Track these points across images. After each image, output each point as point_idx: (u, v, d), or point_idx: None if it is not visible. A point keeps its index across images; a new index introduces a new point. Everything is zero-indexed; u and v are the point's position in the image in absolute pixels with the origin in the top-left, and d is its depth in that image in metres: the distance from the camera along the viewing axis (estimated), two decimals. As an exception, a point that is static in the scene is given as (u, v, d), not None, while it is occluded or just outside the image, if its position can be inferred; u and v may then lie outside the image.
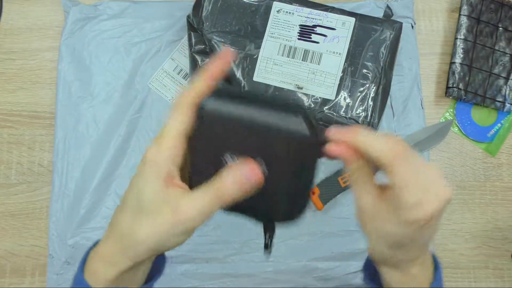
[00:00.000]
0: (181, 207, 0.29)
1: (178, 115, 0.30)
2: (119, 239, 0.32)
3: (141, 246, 0.31)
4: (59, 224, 0.60)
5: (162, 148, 0.30)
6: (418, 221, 0.30)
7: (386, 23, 0.60)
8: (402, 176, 0.29)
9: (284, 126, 0.28)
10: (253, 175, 0.29)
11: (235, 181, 0.29)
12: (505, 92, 0.65)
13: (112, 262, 0.32)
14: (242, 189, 0.29)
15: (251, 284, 0.59)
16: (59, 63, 0.63)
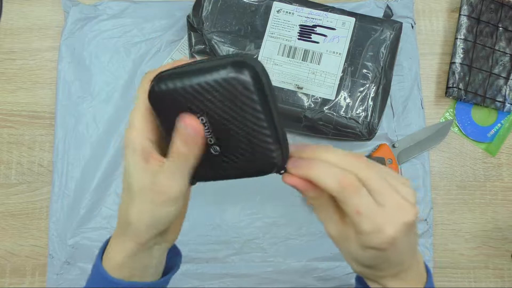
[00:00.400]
0: (157, 178, 0.31)
1: (143, 94, 0.31)
2: (120, 224, 0.34)
3: (137, 225, 0.32)
4: (59, 224, 0.60)
5: (133, 128, 0.31)
6: (379, 246, 0.31)
7: (386, 23, 0.60)
8: (354, 208, 0.30)
9: (219, 82, 0.29)
10: (190, 127, 0.30)
11: (182, 141, 0.30)
12: (505, 92, 0.65)
13: (119, 246, 0.34)
14: (188, 144, 0.30)
15: (251, 284, 0.59)
16: (59, 63, 0.63)
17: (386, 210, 0.30)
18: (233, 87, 0.29)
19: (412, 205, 0.31)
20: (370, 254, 0.32)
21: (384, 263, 0.33)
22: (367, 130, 0.59)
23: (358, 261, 0.33)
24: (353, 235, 0.31)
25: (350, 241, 0.32)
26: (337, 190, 0.30)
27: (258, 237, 0.60)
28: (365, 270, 0.34)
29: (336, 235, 0.33)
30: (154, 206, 0.31)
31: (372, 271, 0.34)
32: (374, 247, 0.31)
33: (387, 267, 0.33)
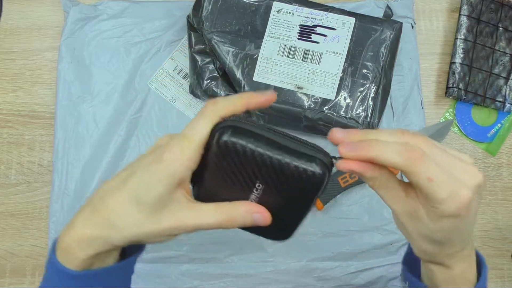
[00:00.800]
0: (183, 215, 0.30)
1: (206, 122, 0.30)
2: (101, 224, 0.31)
3: (124, 235, 0.31)
4: (59, 224, 0.60)
5: (184, 152, 0.30)
6: (456, 213, 0.29)
7: (386, 23, 0.60)
8: (426, 175, 0.29)
9: (299, 170, 0.30)
10: (263, 220, 0.31)
11: (245, 219, 0.30)
12: (505, 92, 0.65)
13: (90, 243, 0.31)
14: (247, 223, 0.31)
15: (251, 284, 0.59)
16: (59, 63, 0.63)
17: (456, 176, 0.29)
18: (309, 180, 0.30)
19: (477, 168, 0.31)
20: (444, 225, 0.31)
21: (457, 234, 0.32)
22: (367, 130, 0.59)
23: (429, 237, 0.32)
24: (423, 209, 0.31)
25: (419, 216, 0.31)
26: (405, 163, 0.29)
27: (258, 237, 0.60)
28: (433, 249, 0.33)
29: (404, 212, 0.32)
30: (158, 233, 0.31)
31: (440, 247, 0.33)
32: (452, 214, 0.30)
33: (457, 240, 0.32)
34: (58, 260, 0.32)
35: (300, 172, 0.30)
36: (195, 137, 0.30)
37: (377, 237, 0.60)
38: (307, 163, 0.30)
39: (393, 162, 0.29)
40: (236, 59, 0.59)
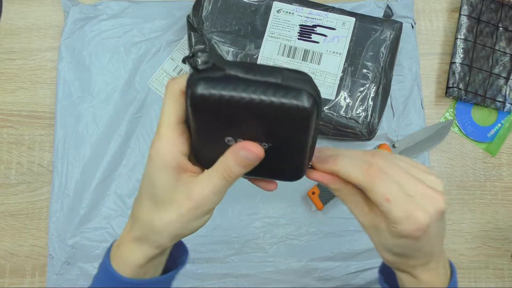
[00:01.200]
0: (194, 191, 0.30)
1: (171, 103, 0.30)
2: (142, 228, 0.33)
3: (162, 234, 0.32)
4: (59, 224, 0.60)
5: (162, 140, 0.30)
6: (412, 235, 0.30)
7: (386, 23, 0.60)
8: (383, 194, 0.30)
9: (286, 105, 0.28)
10: (252, 154, 0.30)
11: (236, 161, 0.30)
12: (505, 92, 0.65)
13: (136, 250, 0.33)
14: (244, 166, 0.30)
15: (251, 284, 0.59)
16: (59, 63, 0.63)
17: (415, 199, 0.30)
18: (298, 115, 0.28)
19: (440, 194, 0.31)
20: (403, 243, 0.32)
21: (417, 252, 0.33)
22: (367, 130, 0.59)
23: (391, 251, 0.33)
24: (384, 225, 0.32)
25: (381, 231, 0.32)
26: (363, 179, 0.30)
27: (258, 237, 0.60)
28: (396, 260, 0.34)
29: (367, 225, 0.33)
30: (189, 219, 0.31)
31: (403, 259, 0.34)
32: (408, 235, 0.30)
33: (419, 256, 0.33)
34: (113, 268, 0.34)
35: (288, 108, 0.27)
36: (166, 121, 0.30)
37: (377, 237, 0.60)
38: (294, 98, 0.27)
39: (353, 177, 0.31)
40: (236, 59, 0.59)
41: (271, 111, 0.28)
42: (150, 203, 0.31)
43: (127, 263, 0.34)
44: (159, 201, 0.31)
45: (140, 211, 0.33)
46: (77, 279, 0.59)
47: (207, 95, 0.27)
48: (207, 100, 0.27)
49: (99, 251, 0.59)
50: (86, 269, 0.59)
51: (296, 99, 0.27)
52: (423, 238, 0.31)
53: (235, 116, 0.28)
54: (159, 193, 0.31)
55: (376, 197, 0.30)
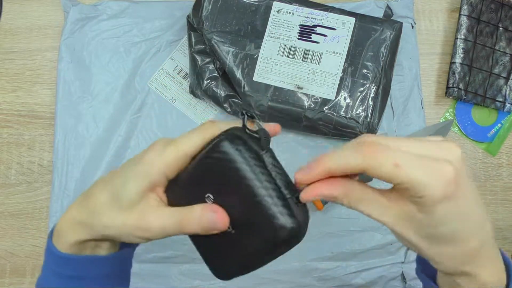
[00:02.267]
0: (147, 217, 0.30)
1: (200, 136, 0.30)
2: (87, 211, 0.32)
3: (101, 229, 0.32)
4: (59, 224, 0.60)
5: (164, 156, 0.30)
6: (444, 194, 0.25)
7: (386, 23, 0.60)
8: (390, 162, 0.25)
9: (268, 215, 0.28)
10: (218, 223, 0.29)
11: (200, 220, 0.30)
12: (505, 92, 0.65)
13: (75, 229, 0.33)
14: (203, 228, 0.30)
15: (251, 284, 0.59)
16: (59, 63, 0.63)
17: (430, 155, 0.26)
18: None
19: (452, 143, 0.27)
20: (440, 215, 0.26)
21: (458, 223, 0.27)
22: (367, 130, 0.59)
23: (432, 236, 0.27)
24: (412, 205, 0.26)
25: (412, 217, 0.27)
26: (361, 159, 0.26)
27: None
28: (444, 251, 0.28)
29: (395, 220, 0.28)
30: (126, 232, 0.31)
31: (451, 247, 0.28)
32: (440, 197, 0.25)
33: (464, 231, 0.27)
34: (52, 243, 0.33)
35: (272, 220, 0.28)
36: (183, 146, 0.31)
37: (377, 237, 0.60)
38: (283, 216, 0.28)
39: (352, 164, 0.26)
40: (236, 59, 0.59)
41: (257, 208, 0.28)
42: (110, 196, 0.31)
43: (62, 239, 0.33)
44: (118, 200, 0.31)
45: (97, 194, 0.32)
46: (77, 279, 0.59)
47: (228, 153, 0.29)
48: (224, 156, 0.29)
49: (99, 251, 0.59)
50: (86, 269, 0.59)
51: (282, 223, 0.28)
52: (458, 195, 0.25)
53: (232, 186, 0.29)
54: (123, 194, 0.31)
55: (384, 169, 0.25)
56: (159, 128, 0.62)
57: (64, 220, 0.33)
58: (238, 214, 0.30)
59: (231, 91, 0.60)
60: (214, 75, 0.60)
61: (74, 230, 0.33)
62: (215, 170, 0.30)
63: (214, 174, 0.30)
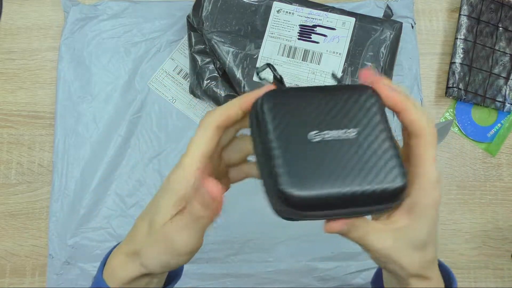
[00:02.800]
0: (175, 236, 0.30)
1: (203, 136, 0.30)
2: (134, 245, 0.32)
3: (147, 258, 0.32)
4: (59, 224, 0.60)
5: (183, 169, 0.30)
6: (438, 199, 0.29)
7: (386, 23, 0.60)
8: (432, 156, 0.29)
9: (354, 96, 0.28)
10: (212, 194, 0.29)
11: (201, 204, 0.29)
12: (505, 92, 0.65)
13: (125, 265, 0.33)
14: (209, 208, 0.29)
15: (251, 284, 0.59)
16: (59, 63, 0.63)
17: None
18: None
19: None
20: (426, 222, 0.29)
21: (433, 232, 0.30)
22: (367, 130, 0.59)
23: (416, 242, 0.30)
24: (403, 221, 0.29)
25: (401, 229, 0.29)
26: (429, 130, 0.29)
27: (258, 237, 0.60)
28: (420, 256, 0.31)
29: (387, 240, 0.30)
30: (163, 254, 0.31)
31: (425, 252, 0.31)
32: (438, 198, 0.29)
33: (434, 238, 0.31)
34: (102, 278, 0.33)
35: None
36: (193, 152, 0.30)
37: (377, 237, 0.60)
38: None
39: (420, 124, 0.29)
40: (236, 59, 0.59)
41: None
42: (147, 225, 0.31)
43: (115, 276, 0.33)
44: (152, 226, 0.31)
45: (139, 228, 0.32)
46: (77, 279, 0.59)
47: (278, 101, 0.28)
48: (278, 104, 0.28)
49: (99, 251, 0.59)
50: (86, 269, 0.59)
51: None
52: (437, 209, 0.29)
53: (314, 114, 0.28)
54: (156, 219, 0.31)
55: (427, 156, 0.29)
56: (159, 128, 0.62)
57: (115, 255, 0.34)
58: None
59: (231, 91, 0.60)
60: (214, 75, 0.60)
61: (124, 267, 0.33)
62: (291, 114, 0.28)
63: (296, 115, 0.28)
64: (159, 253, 0.31)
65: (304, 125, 0.27)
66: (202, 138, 0.30)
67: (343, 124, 0.27)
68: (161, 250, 0.31)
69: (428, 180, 0.28)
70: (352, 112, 0.28)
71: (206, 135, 0.30)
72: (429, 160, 0.28)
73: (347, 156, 0.27)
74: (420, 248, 0.30)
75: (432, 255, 0.31)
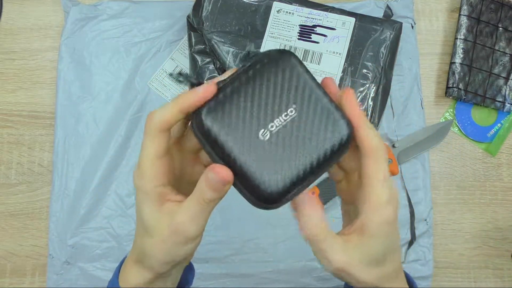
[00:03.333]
0: (175, 220, 0.31)
1: (149, 141, 0.31)
2: (136, 251, 0.34)
3: (152, 259, 0.32)
4: (59, 224, 0.60)
5: (143, 174, 0.31)
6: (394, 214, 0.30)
7: (386, 23, 0.60)
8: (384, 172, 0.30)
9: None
10: (221, 177, 0.29)
11: (207, 184, 0.30)
12: (505, 92, 0.65)
13: (135, 272, 0.34)
14: (215, 190, 0.30)
15: (251, 284, 0.59)
16: (59, 63, 0.63)
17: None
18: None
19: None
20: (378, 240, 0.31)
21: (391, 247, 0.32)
22: (367, 130, 0.59)
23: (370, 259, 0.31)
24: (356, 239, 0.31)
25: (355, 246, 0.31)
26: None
27: (258, 237, 0.60)
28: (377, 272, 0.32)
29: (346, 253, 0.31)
30: (171, 246, 0.31)
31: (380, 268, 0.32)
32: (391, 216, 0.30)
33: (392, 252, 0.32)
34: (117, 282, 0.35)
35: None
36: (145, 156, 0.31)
37: (377, 237, 0.60)
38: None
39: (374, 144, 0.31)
40: (236, 59, 0.59)
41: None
42: (141, 229, 0.32)
43: (129, 284, 0.34)
44: (147, 227, 0.32)
45: (136, 235, 0.34)
46: (77, 279, 0.59)
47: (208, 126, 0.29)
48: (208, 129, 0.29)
49: (99, 251, 0.59)
50: (86, 269, 0.59)
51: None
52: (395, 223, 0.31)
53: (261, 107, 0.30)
54: (146, 220, 0.31)
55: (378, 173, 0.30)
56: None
57: (128, 267, 0.35)
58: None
59: (231, 91, 0.60)
60: (214, 75, 0.60)
61: (138, 274, 0.34)
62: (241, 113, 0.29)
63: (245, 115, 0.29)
64: (160, 246, 0.31)
65: (250, 127, 0.29)
66: (151, 140, 0.31)
67: (282, 108, 0.30)
68: (164, 243, 0.31)
69: (376, 200, 0.30)
70: (284, 91, 0.30)
71: (153, 136, 0.31)
72: (378, 179, 0.30)
73: (297, 134, 0.30)
74: (375, 264, 0.32)
75: (391, 268, 0.33)
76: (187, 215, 0.31)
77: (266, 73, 0.30)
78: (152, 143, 0.31)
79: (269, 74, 0.30)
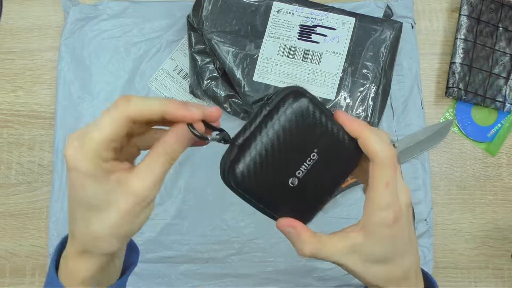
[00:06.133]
0: (133, 186, 0.29)
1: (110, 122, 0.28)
2: (83, 241, 0.31)
3: (107, 239, 0.30)
4: (59, 224, 0.60)
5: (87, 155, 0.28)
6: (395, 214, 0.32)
7: (386, 23, 0.60)
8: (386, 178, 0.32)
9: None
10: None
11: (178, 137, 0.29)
12: (505, 92, 0.65)
13: (83, 263, 0.32)
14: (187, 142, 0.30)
15: (251, 284, 0.59)
16: (59, 63, 0.63)
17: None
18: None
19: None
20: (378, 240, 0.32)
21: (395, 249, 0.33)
22: (367, 130, 0.59)
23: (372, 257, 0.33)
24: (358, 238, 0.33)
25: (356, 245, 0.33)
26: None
27: (258, 237, 0.60)
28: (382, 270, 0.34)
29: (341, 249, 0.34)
30: (130, 216, 0.29)
31: (387, 266, 0.33)
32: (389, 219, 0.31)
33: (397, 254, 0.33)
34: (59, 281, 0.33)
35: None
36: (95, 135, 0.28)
37: (377, 237, 0.60)
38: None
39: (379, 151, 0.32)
40: (236, 59, 0.59)
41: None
42: (84, 214, 0.30)
43: (74, 277, 0.32)
44: (94, 208, 0.29)
45: (76, 225, 0.31)
46: (77, 279, 0.59)
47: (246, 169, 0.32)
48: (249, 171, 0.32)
49: (99, 251, 0.59)
50: (86, 269, 0.59)
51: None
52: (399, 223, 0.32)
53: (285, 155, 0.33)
54: (93, 200, 0.29)
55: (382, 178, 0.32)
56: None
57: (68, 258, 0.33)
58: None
59: (231, 91, 0.60)
60: (214, 75, 0.60)
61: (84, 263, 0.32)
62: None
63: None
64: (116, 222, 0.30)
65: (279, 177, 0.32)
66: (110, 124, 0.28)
67: (305, 155, 0.32)
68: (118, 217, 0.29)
69: (377, 203, 0.31)
70: (305, 138, 0.32)
71: (113, 123, 0.28)
72: (380, 184, 0.31)
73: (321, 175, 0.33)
74: (378, 262, 0.33)
75: (398, 270, 0.34)
76: (152, 178, 0.29)
77: (287, 123, 0.31)
78: (112, 126, 0.28)
79: (291, 123, 0.31)
